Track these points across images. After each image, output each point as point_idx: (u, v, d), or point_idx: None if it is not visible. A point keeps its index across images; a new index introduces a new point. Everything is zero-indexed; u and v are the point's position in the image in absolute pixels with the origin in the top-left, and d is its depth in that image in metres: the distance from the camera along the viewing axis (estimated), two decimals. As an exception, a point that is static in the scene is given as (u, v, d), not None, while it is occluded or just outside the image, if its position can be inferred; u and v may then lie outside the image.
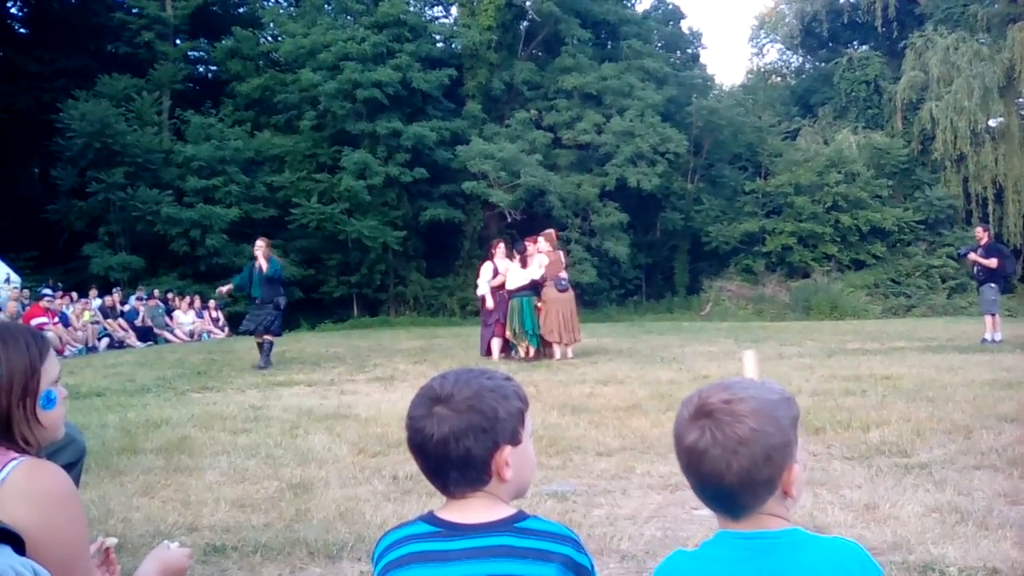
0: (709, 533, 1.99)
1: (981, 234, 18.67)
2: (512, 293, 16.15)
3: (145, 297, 27.11)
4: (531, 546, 1.90)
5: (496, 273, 16.48)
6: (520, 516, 1.97)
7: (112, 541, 2.69)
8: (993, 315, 17.87)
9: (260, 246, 17.26)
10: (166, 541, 2.70)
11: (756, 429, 1.81)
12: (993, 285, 17.96)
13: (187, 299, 28.70)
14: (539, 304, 16.09)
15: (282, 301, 17.02)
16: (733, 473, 1.79)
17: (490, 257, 16.93)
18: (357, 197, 34.63)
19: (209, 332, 27.89)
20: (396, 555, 1.95)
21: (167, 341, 25.86)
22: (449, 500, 1.99)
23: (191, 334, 26.94)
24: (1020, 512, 5.19)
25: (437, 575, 1.89)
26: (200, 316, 28.32)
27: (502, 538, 1.91)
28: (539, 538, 1.92)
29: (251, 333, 17.08)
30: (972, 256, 18.62)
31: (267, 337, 16.78)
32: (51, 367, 2.36)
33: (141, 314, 25.89)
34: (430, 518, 1.98)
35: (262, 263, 16.89)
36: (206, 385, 13.00)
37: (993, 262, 18.18)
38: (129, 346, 23.81)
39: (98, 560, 2.52)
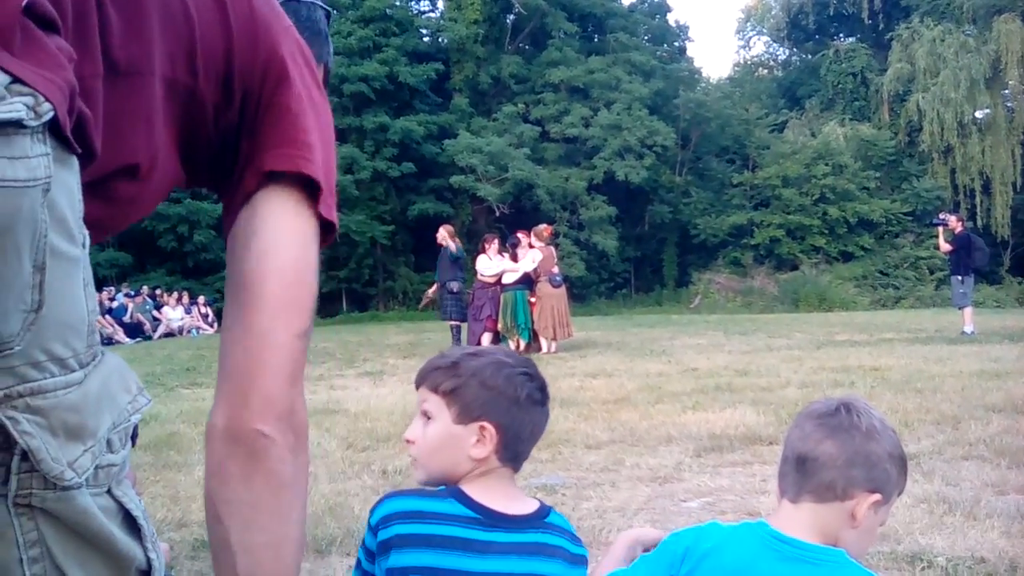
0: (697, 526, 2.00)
1: (955, 223, 18.65)
2: (505, 287, 16.20)
3: (133, 293, 27.09)
4: (560, 545, 1.89)
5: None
6: (546, 509, 1.94)
7: None
8: (961, 308, 17.87)
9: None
10: None
11: (877, 431, 1.82)
12: (959, 277, 17.95)
13: (175, 295, 28.66)
14: (532, 299, 16.16)
15: (453, 285, 17.06)
16: (830, 445, 1.80)
17: (483, 251, 16.93)
18: (344, 192, 34.51)
19: (198, 328, 27.84)
20: (425, 531, 1.82)
21: (169, 334, 25.92)
22: (466, 478, 1.91)
23: (180, 330, 26.90)
24: (1007, 502, 5.21)
25: (476, 567, 1.80)
26: (189, 312, 28.29)
27: (536, 535, 1.87)
28: (563, 536, 1.91)
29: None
30: (940, 232, 18.80)
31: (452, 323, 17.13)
32: None
33: (129, 310, 25.86)
34: (463, 498, 1.87)
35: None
36: (195, 381, 12.98)
37: (946, 247, 18.32)
38: (117, 342, 23.78)
39: None
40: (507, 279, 16.22)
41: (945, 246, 18.40)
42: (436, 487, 1.93)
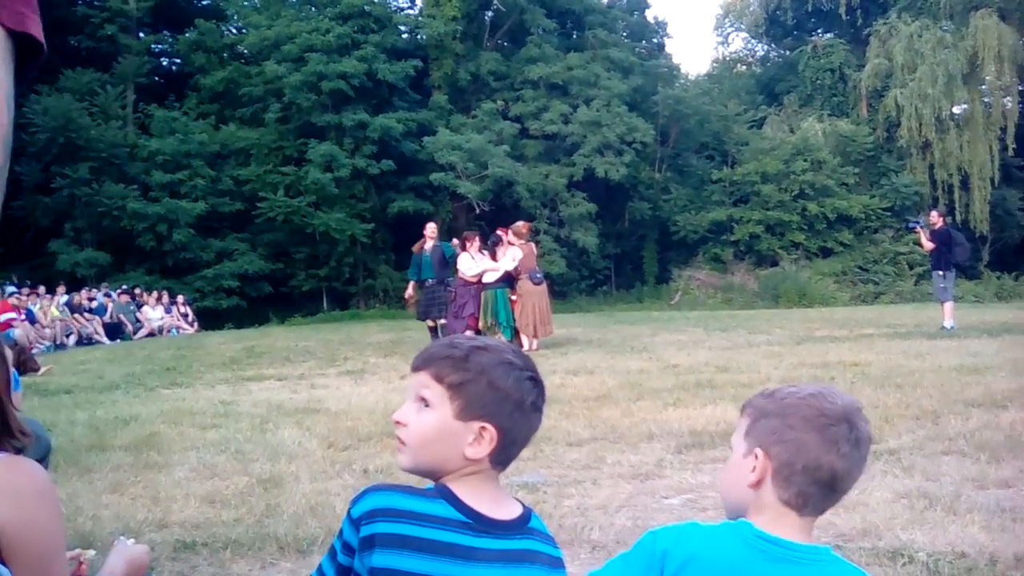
0: (679, 523, 1.99)
1: (936, 219, 18.74)
2: (485, 285, 16.20)
3: (113, 293, 26.97)
4: (541, 550, 1.86)
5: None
6: (528, 513, 1.91)
7: (90, 554, 2.69)
8: (943, 303, 17.99)
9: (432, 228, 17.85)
10: (122, 537, 2.70)
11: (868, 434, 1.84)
12: (940, 272, 18.05)
13: (155, 294, 28.56)
14: (513, 297, 16.17)
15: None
16: (858, 471, 1.81)
17: (464, 249, 16.87)
18: (324, 190, 34.50)
19: (178, 327, 27.74)
20: (413, 534, 1.76)
21: (150, 335, 25.85)
22: (453, 475, 1.86)
23: (160, 330, 26.79)
24: (988, 496, 5.23)
25: (462, 574, 1.76)
26: (168, 312, 28.18)
27: (522, 541, 1.84)
28: (544, 541, 1.89)
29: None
30: (919, 230, 18.86)
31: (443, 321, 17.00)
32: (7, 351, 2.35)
33: (109, 310, 25.75)
34: (453, 500, 1.82)
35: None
36: (175, 381, 12.94)
37: (929, 245, 18.40)
38: (98, 342, 23.69)
39: (71, 569, 2.52)
40: (488, 278, 16.20)
41: (928, 244, 18.45)
42: (419, 476, 1.89)
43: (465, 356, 1.85)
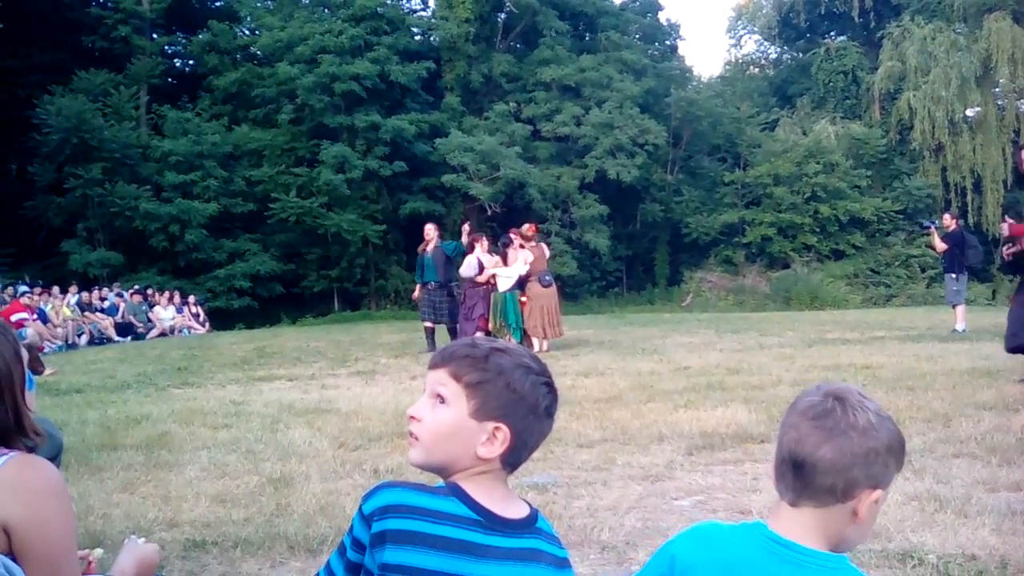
0: (689, 525, 1.98)
1: (949, 221, 18.68)
2: (495, 287, 16.16)
3: (125, 293, 27.02)
4: (547, 550, 1.87)
5: (482, 267, 16.40)
6: (535, 513, 1.92)
7: (98, 553, 2.70)
8: (955, 306, 17.92)
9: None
10: (133, 536, 2.71)
11: (875, 425, 1.80)
12: (953, 275, 17.98)
13: (167, 294, 28.60)
14: (522, 299, 16.13)
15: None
16: (829, 450, 1.76)
17: (471, 250, 16.84)
18: (336, 191, 34.54)
19: (189, 327, 27.77)
20: (426, 530, 1.78)
21: (162, 335, 25.88)
22: (463, 473, 1.87)
23: (171, 330, 26.83)
24: (998, 499, 5.22)
25: (475, 571, 1.76)
26: (180, 312, 28.21)
27: (531, 540, 1.86)
28: (551, 541, 1.90)
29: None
30: (933, 231, 18.78)
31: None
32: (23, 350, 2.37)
33: (121, 310, 25.80)
34: (465, 498, 1.83)
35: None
36: (186, 381, 12.95)
37: (941, 246, 18.32)
38: (108, 340, 23.74)
39: (80, 568, 2.52)
40: (501, 285, 16.14)
41: (941, 245, 18.37)
42: (430, 472, 1.90)
43: (485, 356, 1.86)
